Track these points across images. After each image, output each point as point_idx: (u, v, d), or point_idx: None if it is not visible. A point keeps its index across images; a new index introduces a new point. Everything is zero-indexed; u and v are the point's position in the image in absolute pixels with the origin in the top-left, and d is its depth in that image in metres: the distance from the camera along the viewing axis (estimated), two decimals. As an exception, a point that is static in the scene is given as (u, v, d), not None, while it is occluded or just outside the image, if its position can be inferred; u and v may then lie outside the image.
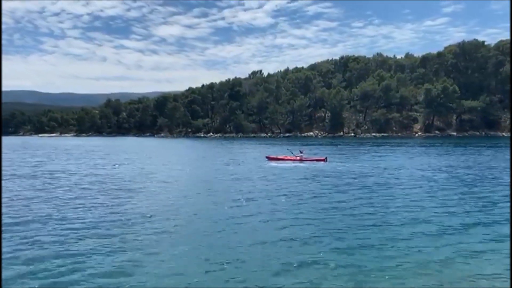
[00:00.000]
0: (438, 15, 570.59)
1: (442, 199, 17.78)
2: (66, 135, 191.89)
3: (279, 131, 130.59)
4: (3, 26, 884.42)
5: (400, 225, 13.12)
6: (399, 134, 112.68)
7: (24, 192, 18.77)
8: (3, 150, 60.49)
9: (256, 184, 22.02)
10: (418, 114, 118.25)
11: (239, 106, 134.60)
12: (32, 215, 13.92)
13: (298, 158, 35.06)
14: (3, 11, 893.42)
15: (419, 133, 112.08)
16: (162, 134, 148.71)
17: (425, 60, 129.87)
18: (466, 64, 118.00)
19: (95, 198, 17.70)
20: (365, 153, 47.52)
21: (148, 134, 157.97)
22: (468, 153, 44.21)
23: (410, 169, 29.19)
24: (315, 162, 34.07)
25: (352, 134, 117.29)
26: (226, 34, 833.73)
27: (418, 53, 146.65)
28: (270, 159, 36.28)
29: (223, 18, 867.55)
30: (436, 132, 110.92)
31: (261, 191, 19.72)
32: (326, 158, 34.87)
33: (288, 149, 39.44)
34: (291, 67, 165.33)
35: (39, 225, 12.71)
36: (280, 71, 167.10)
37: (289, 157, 35.56)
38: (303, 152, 36.26)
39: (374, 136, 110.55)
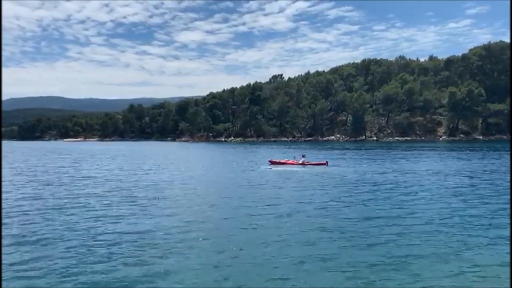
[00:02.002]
0: (462, 17, 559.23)
1: (452, 201, 17.29)
2: (90, 139, 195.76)
3: (300, 135, 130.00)
4: (30, 34, 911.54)
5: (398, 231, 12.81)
6: (423, 138, 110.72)
7: (61, 199, 18.63)
8: (35, 155, 62.10)
9: (262, 191, 21.79)
10: (442, 117, 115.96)
11: (259, 111, 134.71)
12: (64, 224, 13.83)
13: (300, 162, 35.10)
14: (32, 20, 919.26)
15: (443, 137, 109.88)
16: (183, 139, 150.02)
17: (450, 62, 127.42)
18: (492, 67, 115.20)
19: (126, 206, 17.88)
20: (378, 157, 46.87)
21: (169, 138, 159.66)
22: (495, 158, 42.99)
23: (420, 174, 28.46)
24: (316, 166, 33.96)
25: (375, 138, 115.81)
26: (246, 39, 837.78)
27: (442, 56, 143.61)
28: (272, 163, 36.37)
29: (243, 23, 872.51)
30: (461, 135, 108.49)
31: (264, 196, 19.63)
32: (327, 162, 34.79)
33: (295, 157, 38.98)
34: (312, 71, 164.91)
35: (69, 233, 12.76)
36: (301, 75, 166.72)
37: (291, 162, 35.69)
38: (305, 156, 36.31)
39: (397, 140, 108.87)
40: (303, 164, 34.66)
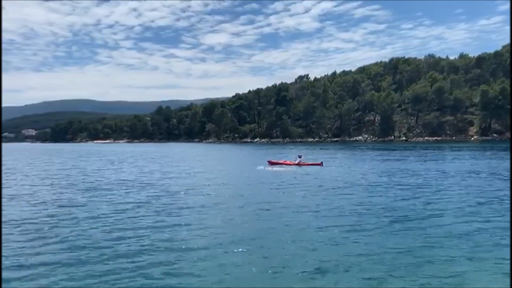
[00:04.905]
0: (493, 13, 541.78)
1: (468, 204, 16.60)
2: (120, 141, 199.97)
3: (327, 135, 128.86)
4: (62, 40, 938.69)
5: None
6: (454, 138, 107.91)
7: (101, 205, 18.11)
8: (70, 158, 63.77)
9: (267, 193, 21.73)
10: (473, 117, 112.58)
11: (285, 111, 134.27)
12: (103, 231, 13.46)
13: (296, 163, 36.40)
14: (63, 25, 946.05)
15: (475, 137, 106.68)
16: (210, 140, 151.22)
17: (481, 60, 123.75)
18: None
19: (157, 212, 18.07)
20: (389, 157, 46.21)
21: (196, 140, 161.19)
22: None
23: (426, 174, 27.43)
24: (311, 166, 35.09)
25: (404, 138, 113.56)
26: (272, 40, 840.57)
27: (473, 53, 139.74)
28: (271, 163, 37.68)
29: (269, 25, 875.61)
30: (494, 135, 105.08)
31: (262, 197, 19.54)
32: (322, 163, 35.79)
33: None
34: (338, 71, 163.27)
35: (105, 242, 12.88)
36: (327, 75, 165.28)
37: (288, 162, 37.39)
38: (302, 157, 37.61)
39: (426, 140, 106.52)
40: (299, 164, 35.87)
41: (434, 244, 11.09)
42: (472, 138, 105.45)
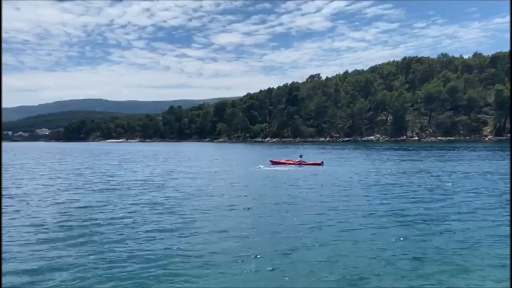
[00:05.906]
0: (508, 11, 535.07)
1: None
2: (132, 140, 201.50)
3: (338, 135, 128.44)
4: (76, 40, 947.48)
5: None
6: (467, 138, 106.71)
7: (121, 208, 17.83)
8: (85, 157, 64.30)
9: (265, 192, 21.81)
10: (488, 116, 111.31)
11: (296, 111, 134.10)
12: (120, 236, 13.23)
13: (297, 162, 37.43)
14: (77, 25, 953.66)
15: (489, 137, 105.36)
16: (221, 139, 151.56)
17: (496, 59, 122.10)
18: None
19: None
20: (393, 156, 46.12)
21: (207, 139, 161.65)
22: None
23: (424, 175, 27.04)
24: (312, 166, 35.86)
25: (416, 138, 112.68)
26: (284, 40, 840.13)
27: (487, 52, 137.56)
28: (273, 162, 38.68)
29: (281, 24, 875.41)
30: (509, 135, 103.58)
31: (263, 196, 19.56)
32: (322, 162, 36.66)
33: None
34: (350, 70, 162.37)
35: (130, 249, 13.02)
36: (339, 74, 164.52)
37: (290, 161, 38.53)
38: (302, 156, 38.66)
39: (439, 140, 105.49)
40: (300, 163, 36.87)
41: (438, 246, 11.01)
42: (486, 138, 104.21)
